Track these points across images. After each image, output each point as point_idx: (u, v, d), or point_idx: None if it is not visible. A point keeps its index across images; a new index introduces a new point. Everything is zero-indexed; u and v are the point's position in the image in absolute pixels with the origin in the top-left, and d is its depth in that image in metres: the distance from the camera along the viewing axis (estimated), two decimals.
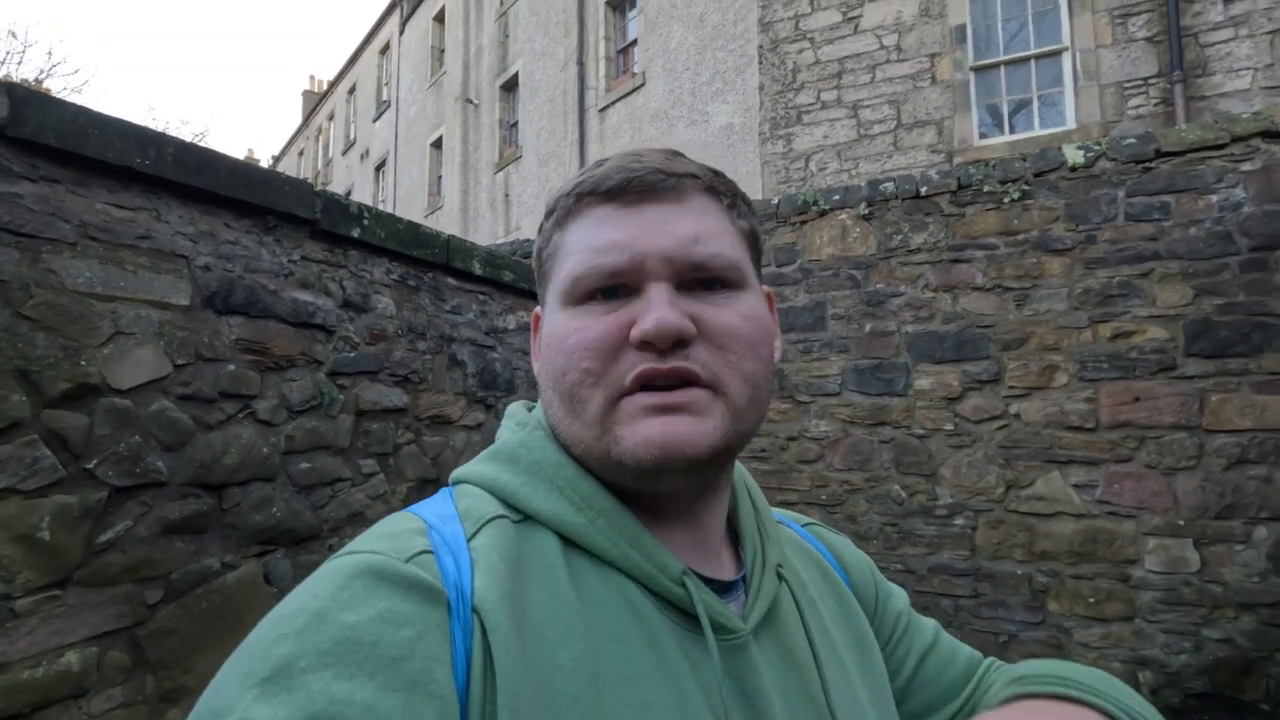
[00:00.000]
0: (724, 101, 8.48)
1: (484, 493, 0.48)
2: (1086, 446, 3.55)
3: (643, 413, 0.44)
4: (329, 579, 0.39)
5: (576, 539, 0.46)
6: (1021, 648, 3.58)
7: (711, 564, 0.51)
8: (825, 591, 0.59)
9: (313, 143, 24.60)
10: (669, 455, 0.44)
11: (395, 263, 2.92)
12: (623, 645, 0.42)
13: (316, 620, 0.36)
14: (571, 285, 0.47)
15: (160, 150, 2.02)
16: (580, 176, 0.50)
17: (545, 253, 0.52)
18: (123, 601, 1.92)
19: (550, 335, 0.49)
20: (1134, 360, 3.49)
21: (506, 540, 0.44)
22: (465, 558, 0.42)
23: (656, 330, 0.44)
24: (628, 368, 0.45)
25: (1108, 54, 6.45)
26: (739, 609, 0.50)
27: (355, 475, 2.68)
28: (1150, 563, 3.38)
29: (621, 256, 0.46)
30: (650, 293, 0.46)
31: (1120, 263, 3.56)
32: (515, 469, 0.49)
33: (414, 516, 0.46)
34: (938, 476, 3.84)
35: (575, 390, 0.46)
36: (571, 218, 0.49)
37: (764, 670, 0.46)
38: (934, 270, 3.95)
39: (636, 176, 0.47)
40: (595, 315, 0.46)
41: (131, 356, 1.95)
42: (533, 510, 0.46)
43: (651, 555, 0.46)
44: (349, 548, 0.42)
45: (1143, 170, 3.57)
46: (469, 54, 14.03)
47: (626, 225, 0.47)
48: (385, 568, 0.39)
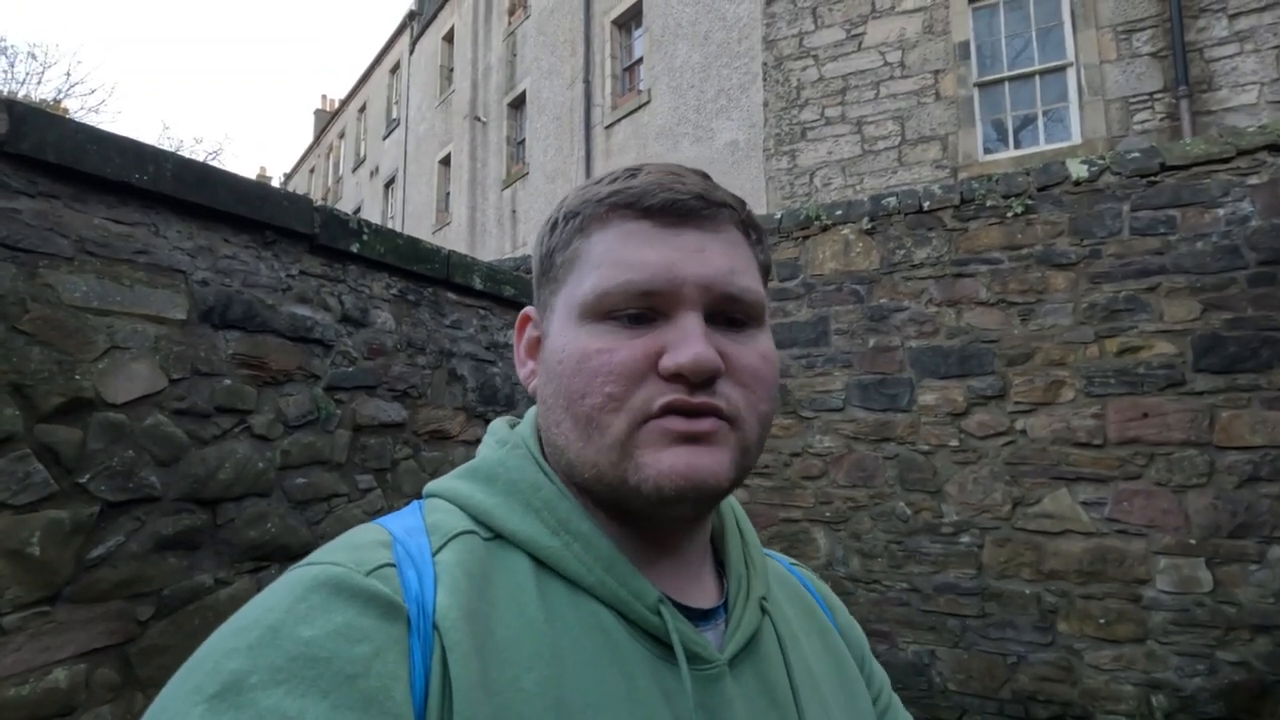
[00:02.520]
0: (728, 118, 8.53)
1: (454, 508, 0.46)
2: (1094, 463, 3.50)
3: (667, 439, 0.43)
4: (286, 590, 0.37)
5: (550, 562, 0.44)
6: (1030, 669, 3.50)
7: (691, 590, 0.49)
8: (810, 630, 0.57)
9: (324, 160, 24.91)
10: (693, 486, 0.42)
11: (395, 277, 2.93)
12: (592, 671, 0.41)
13: (270, 634, 0.35)
14: (597, 299, 0.44)
15: (159, 166, 2.03)
16: (613, 185, 0.47)
17: (559, 255, 0.48)
18: (113, 618, 1.91)
19: (564, 351, 0.45)
20: (1142, 376, 3.44)
21: (473, 556, 0.43)
22: (429, 572, 0.41)
23: (695, 365, 0.42)
24: (653, 396, 0.43)
25: (1112, 69, 6.45)
26: (717, 637, 0.48)
27: (352, 491, 2.66)
28: (1162, 583, 3.31)
29: (657, 277, 0.44)
30: (684, 322, 0.44)
31: (1126, 277, 3.53)
32: (491, 488, 0.47)
33: (380, 528, 0.44)
34: (943, 493, 3.79)
35: (595, 415, 0.44)
36: (598, 226, 0.47)
37: (738, 703, 0.45)
38: (937, 285, 3.93)
39: (679, 200, 0.45)
40: (620, 338, 0.44)
41: (126, 371, 1.95)
42: (506, 531, 0.45)
43: (627, 582, 0.44)
44: (309, 558, 0.41)
45: (1148, 184, 3.54)
46: (477, 73, 14.20)
47: (662, 246, 0.45)
48: (344, 580, 0.38)
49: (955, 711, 3.64)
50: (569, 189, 0.52)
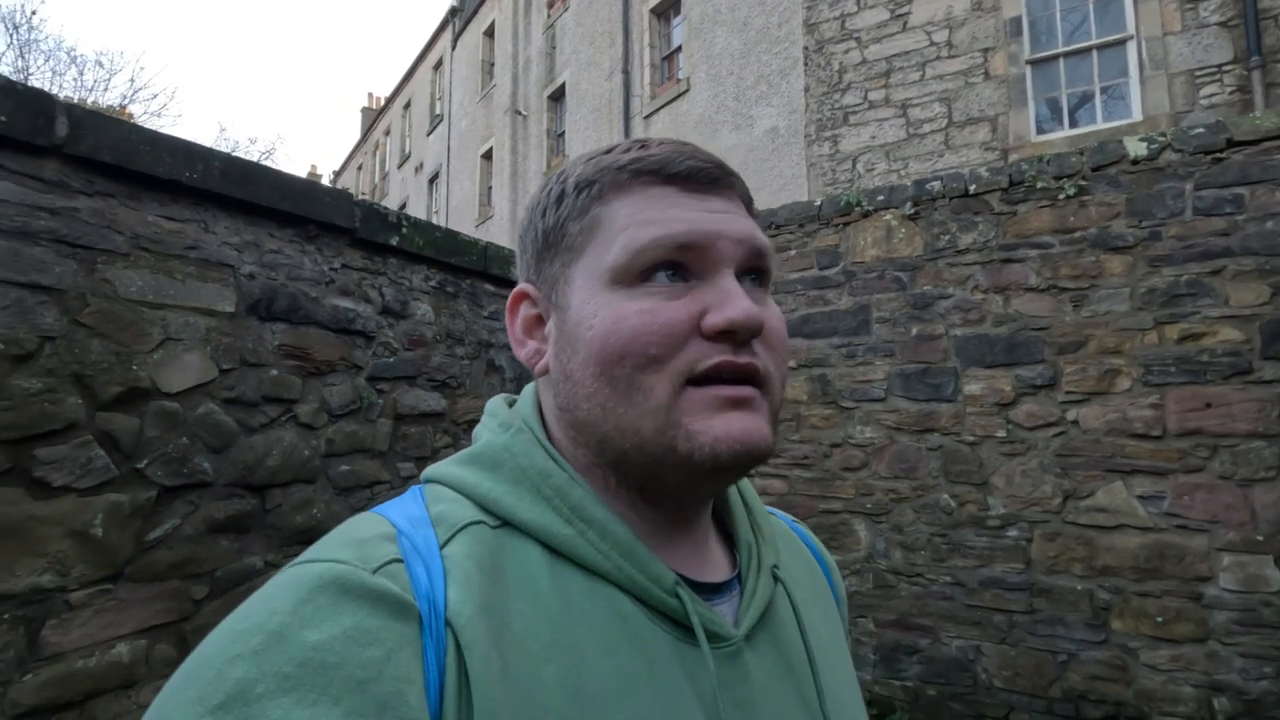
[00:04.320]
0: (768, 105, 8.40)
1: (459, 496, 0.45)
2: (1152, 455, 3.34)
3: (716, 405, 0.42)
4: (289, 591, 0.36)
5: (565, 551, 0.43)
6: (1082, 668, 3.38)
7: (704, 565, 0.49)
8: (817, 591, 0.58)
9: (370, 157, 25.50)
10: (747, 450, 0.42)
11: (434, 270, 2.98)
12: (612, 658, 0.40)
13: (275, 639, 0.34)
14: (630, 258, 0.43)
15: (207, 164, 2.11)
16: (630, 154, 0.46)
17: (572, 224, 0.47)
18: (170, 597, 2.01)
19: (596, 317, 0.44)
20: (1205, 364, 3.27)
21: (483, 548, 0.42)
22: (438, 566, 0.40)
23: (746, 320, 0.42)
24: (698, 357, 0.43)
25: (1176, 41, 6.11)
26: (731, 610, 0.48)
27: (394, 478, 2.74)
28: (1225, 581, 3.15)
29: (694, 231, 0.44)
30: (723, 281, 0.44)
31: (1188, 260, 3.35)
32: (497, 475, 0.46)
33: (381, 519, 0.43)
34: (989, 486, 3.68)
35: (635, 376, 0.42)
36: (618, 192, 0.46)
37: (757, 675, 0.45)
38: (984, 271, 3.80)
39: (703, 167, 0.46)
40: (658, 298, 0.43)
41: (180, 362, 2.04)
42: (516, 519, 0.44)
43: (645, 567, 0.44)
44: (310, 555, 0.39)
45: (1213, 161, 3.35)
46: (517, 66, 14.31)
47: (690, 209, 0.45)
48: (351, 579, 0.36)
49: (1002, 709, 3.55)
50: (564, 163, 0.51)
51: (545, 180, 0.52)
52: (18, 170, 1.71)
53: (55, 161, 1.78)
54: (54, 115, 1.76)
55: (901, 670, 3.79)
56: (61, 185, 1.80)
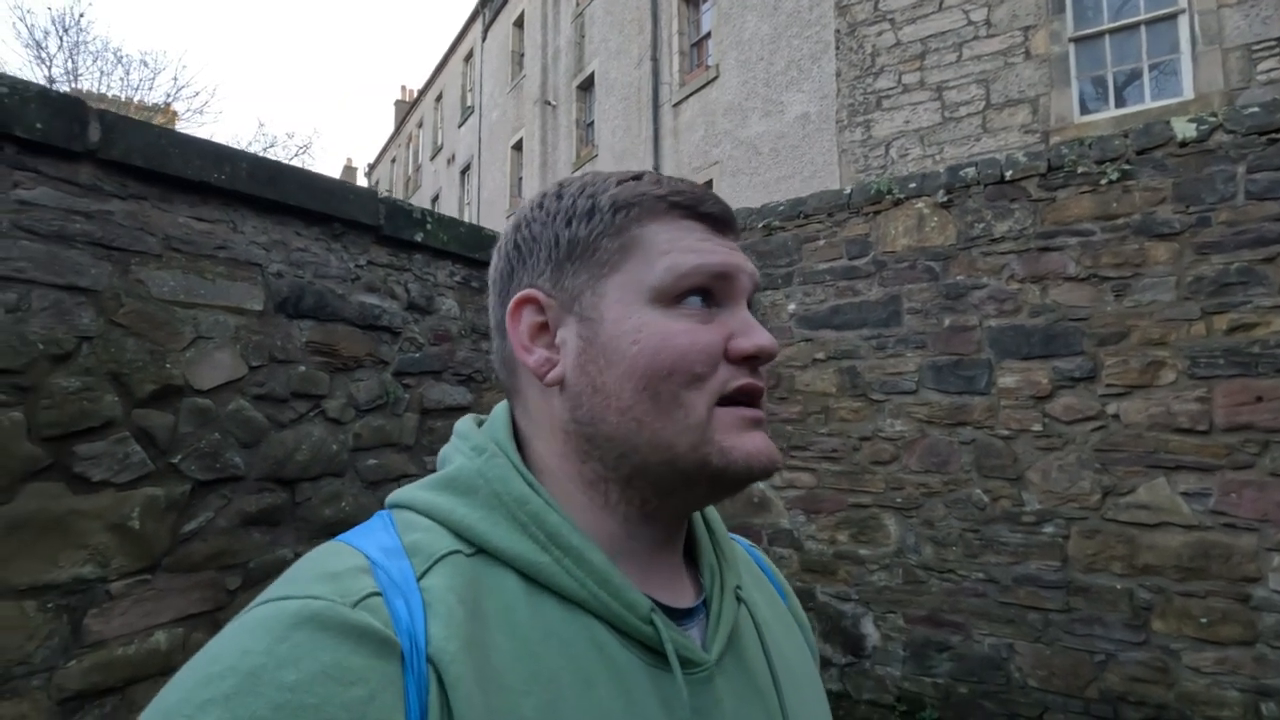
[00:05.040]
0: (799, 90, 8.24)
1: (434, 524, 0.45)
2: (1198, 451, 3.21)
3: (743, 425, 0.46)
4: (263, 630, 0.35)
5: (540, 579, 0.43)
6: (1121, 669, 3.29)
7: (674, 587, 0.50)
8: (775, 612, 0.60)
9: (404, 150, 25.83)
10: (773, 465, 0.47)
11: (458, 265, 3.00)
12: (590, 690, 0.41)
13: (250, 681, 0.32)
14: (674, 280, 0.47)
15: (235, 165, 2.15)
16: (660, 186, 0.50)
17: (608, 240, 0.48)
18: (206, 587, 2.07)
19: (641, 332, 0.46)
20: (1256, 355, 3.12)
21: (462, 580, 0.41)
22: (417, 600, 0.39)
23: (772, 348, 0.48)
24: (728, 378, 0.47)
25: (1232, 14, 5.81)
26: (699, 635, 0.49)
27: (420, 471, 2.78)
28: (1275, 582, 3.02)
29: (728, 264, 0.48)
30: (743, 312, 0.49)
31: (1239, 247, 3.19)
32: (472, 501, 0.46)
33: (352, 550, 0.41)
34: (1024, 481, 3.58)
35: (680, 393, 0.45)
36: (654, 218, 0.49)
37: (727, 700, 0.46)
38: (1020, 260, 3.68)
39: (725, 212, 0.51)
40: (695, 320, 0.47)
41: (211, 359, 2.09)
42: (492, 547, 0.44)
43: (619, 594, 0.44)
44: (281, 590, 0.38)
45: (1268, 142, 3.18)
46: (547, 57, 14.30)
47: (718, 244, 0.49)
48: (330, 615, 0.35)
49: (1036, 709, 3.47)
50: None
51: (556, 190, 0.52)
52: (54, 175, 1.77)
53: (89, 166, 1.84)
54: (87, 121, 1.81)
55: (932, 667, 3.74)
56: (95, 189, 1.85)
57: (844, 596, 4.04)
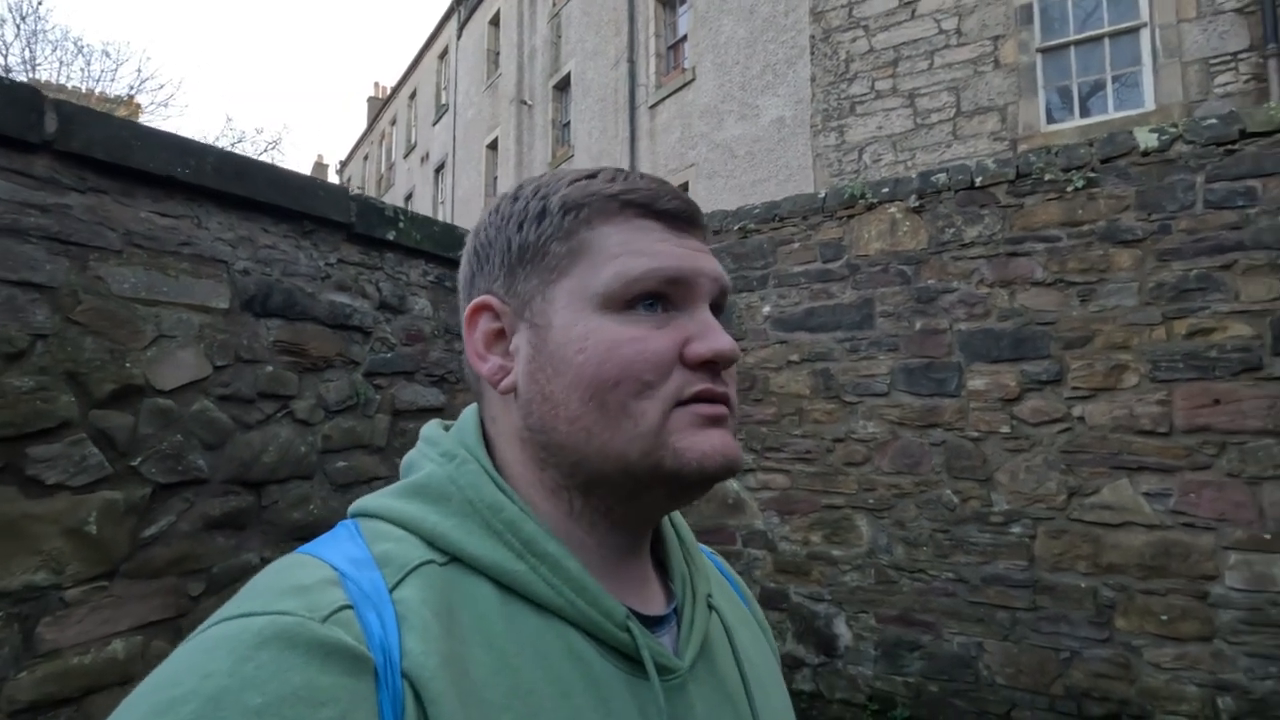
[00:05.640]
0: (775, 94, 8.31)
1: (405, 533, 0.43)
2: (1159, 452, 3.30)
3: (699, 423, 0.44)
4: (226, 650, 0.33)
5: (516, 587, 0.42)
6: (1085, 666, 3.36)
7: (645, 594, 0.50)
8: (741, 619, 0.60)
9: (377, 147, 25.48)
10: (729, 462, 0.45)
11: (431, 264, 2.96)
12: (568, 700, 0.40)
13: (211, 706, 0.30)
14: (623, 286, 0.45)
15: (201, 160, 2.09)
16: (615, 184, 0.48)
17: (556, 244, 0.47)
18: (167, 594, 2.01)
19: (587, 340, 0.44)
20: (1214, 359, 3.21)
21: (436, 591, 0.40)
22: (390, 612, 0.38)
23: (730, 352, 0.45)
24: (684, 384, 0.45)
25: (1191, 28, 5.99)
26: (671, 642, 0.49)
27: (392, 474, 2.73)
28: (1232, 579, 3.11)
29: (683, 267, 0.46)
30: (702, 315, 0.46)
31: (1198, 254, 3.29)
32: (444, 508, 0.44)
33: (318, 562, 0.40)
34: (993, 482, 3.65)
35: (628, 403, 0.43)
36: (605, 220, 0.47)
37: (699, 706, 0.46)
38: (989, 265, 3.75)
39: (685, 209, 0.48)
40: (646, 326, 0.45)
41: (174, 359, 2.03)
42: (467, 556, 0.42)
43: (596, 602, 0.44)
44: (244, 606, 0.36)
45: (1225, 153, 3.28)
46: (523, 56, 14.23)
47: (674, 245, 0.47)
48: (299, 632, 0.33)
49: (1004, 706, 3.53)
50: (528, 179, 0.49)
51: (513, 192, 0.51)
52: (6, 167, 1.70)
53: (46, 158, 1.77)
54: (43, 111, 1.74)
55: (903, 666, 3.78)
56: (52, 182, 1.79)
57: (817, 597, 4.07)
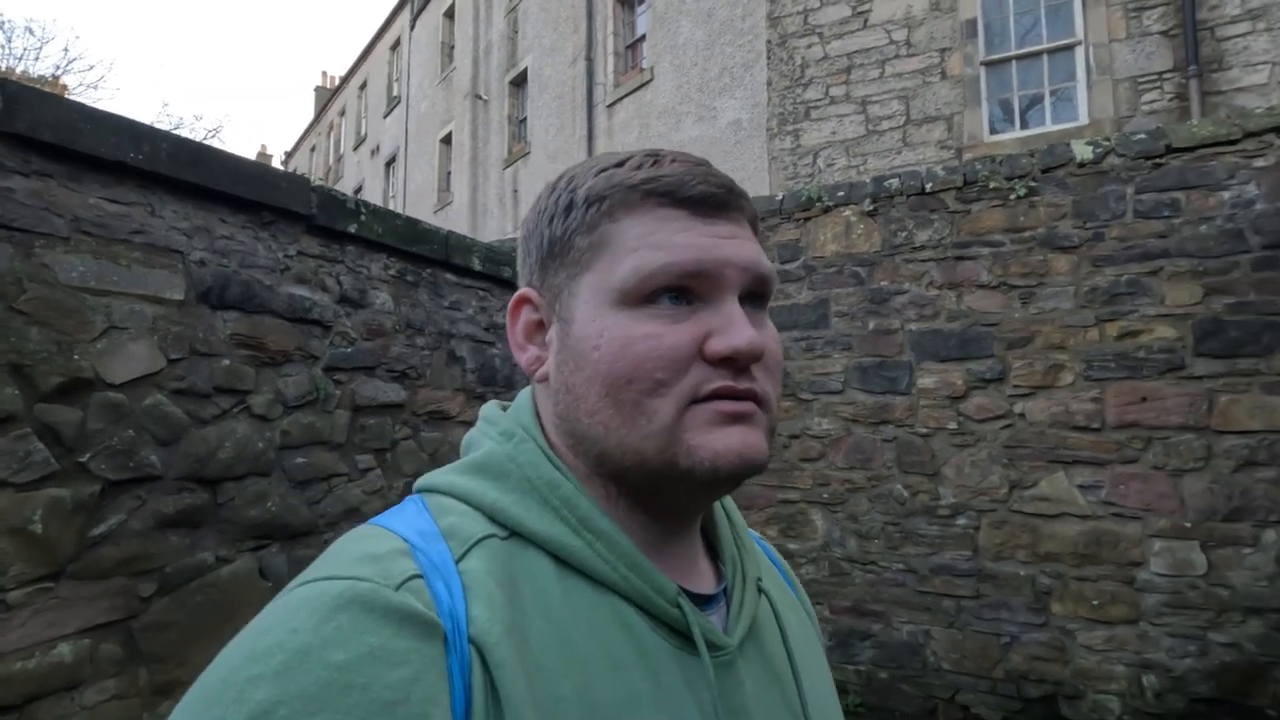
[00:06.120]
0: (732, 97, 8.43)
1: (468, 508, 0.45)
2: (1092, 447, 3.50)
3: (717, 420, 0.44)
4: (308, 610, 0.35)
5: (573, 562, 0.44)
6: (1024, 650, 3.54)
7: (694, 575, 0.51)
8: (790, 603, 0.60)
9: (324, 139, 24.72)
10: (745, 463, 0.44)
11: (393, 258, 2.92)
12: (621, 672, 0.41)
13: (298, 659, 0.33)
14: (639, 281, 0.44)
15: (154, 145, 2.02)
16: (642, 171, 0.47)
17: (580, 238, 0.47)
18: (116, 594, 1.94)
19: (602, 337, 0.45)
20: (1141, 360, 3.43)
21: (498, 563, 0.42)
22: (457, 583, 0.40)
23: (749, 349, 0.43)
24: (701, 381, 0.44)
25: (1121, 48, 6.35)
26: (720, 621, 0.50)
27: (352, 470, 2.69)
28: (1156, 565, 3.33)
29: (704, 259, 0.45)
30: (727, 307, 0.45)
31: (1128, 260, 3.50)
32: (504, 485, 0.46)
33: (390, 534, 0.42)
34: (940, 476, 3.81)
35: (642, 400, 0.43)
36: (628, 211, 0.46)
37: (748, 684, 0.47)
38: (939, 268, 3.91)
39: (714, 192, 0.47)
40: (663, 322, 0.44)
41: (125, 351, 1.96)
42: (526, 530, 0.44)
43: (649, 578, 0.45)
44: (323, 571, 0.38)
45: (1153, 166, 3.51)
46: (478, 50, 14.03)
47: (699, 234, 0.46)
48: (374, 598, 0.36)
49: (949, 690, 3.69)
50: (571, 167, 0.50)
51: (553, 184, 0.51)
52: None
53: None
54: None
55: (855, 655, 3.91)
56: None
57: None
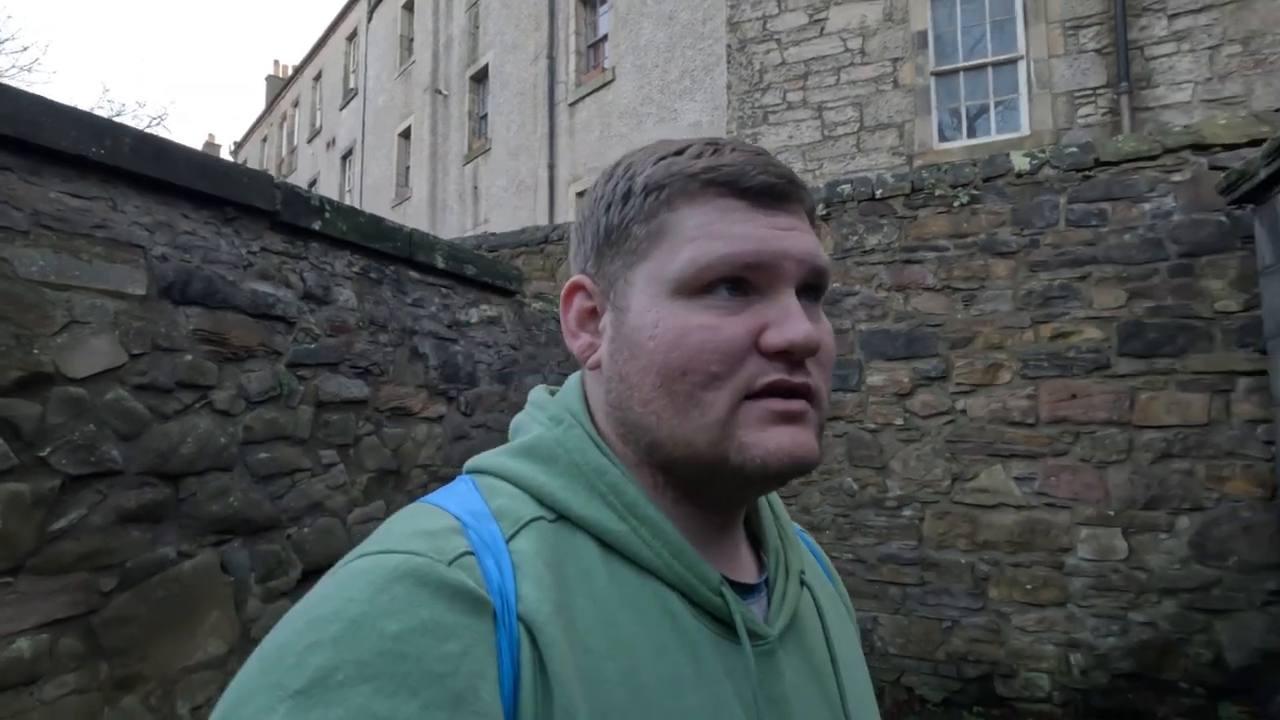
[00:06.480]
0: (692, 100, 8.56)
1: (518, 490, 0.46)
2: (1027, 441, 3.73)
3: (767, 419, 0.44)
4: (365, 581, 0.36)
5: (618, 547, 0.45)
6: (964, 633, 3.75)
7: (736, 565, 0.51)
8: (831, 597, 0.60)
9: (277, 129, 24.06)
10: (795, 463, 0.44)
11: (357, 255, 2.94)
12: (664, 656, 0.42)
13: (354, 627, 0.34)
14: (696, 272, 0.44)
15: (117, 140, 2.02)
16: (701, 159, 0.46)
17: (637, 226, 0.47)
18: (77, 589, 1.93)
19: (658, 328, 0.45)
20: (1072, 359, 3.67)
21: (546, 545, 0.43)
22: (507, 561, 0.41)
23: (806, 342, 0.43)
24: (756, 374, 0.44)
25: (1060, 64, 6.69)
26: (760, 610, 0.50)
27: (315, 466, 2.70)
28: (1083, 551, 3.57)
29: (763, 251, 0.44)
30: (785, 300, 0.45)
31: (1061, 266, 3.74)
32: (553, 469, 0.47)
33: (443, 512, 0.43)
34: (888, 469, 3.99)
35: (696, 392, 0.44)
36: (687, 200, 0.46)
37: (788, 674, 0.47)
38: (888, 270, 4.09)
39: (775, 183, 0.46)
40: (719, 314, 0.44)
41: (86, 346, 1.95)
42: (573, 514, 0.45)
43: (693, 566, 0.45)
44: (380, 544, 0.39)
45: (1083, 178, 3.75)
46: (438, 44, 13.88)
47: (759, 225, 0.45)
48: (428, 572, 0.37)
49: (894, 673, 3.88)
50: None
51: (609, 171, 0.51)
52: None
53: None
54: None
55: None
56: None
57: None
